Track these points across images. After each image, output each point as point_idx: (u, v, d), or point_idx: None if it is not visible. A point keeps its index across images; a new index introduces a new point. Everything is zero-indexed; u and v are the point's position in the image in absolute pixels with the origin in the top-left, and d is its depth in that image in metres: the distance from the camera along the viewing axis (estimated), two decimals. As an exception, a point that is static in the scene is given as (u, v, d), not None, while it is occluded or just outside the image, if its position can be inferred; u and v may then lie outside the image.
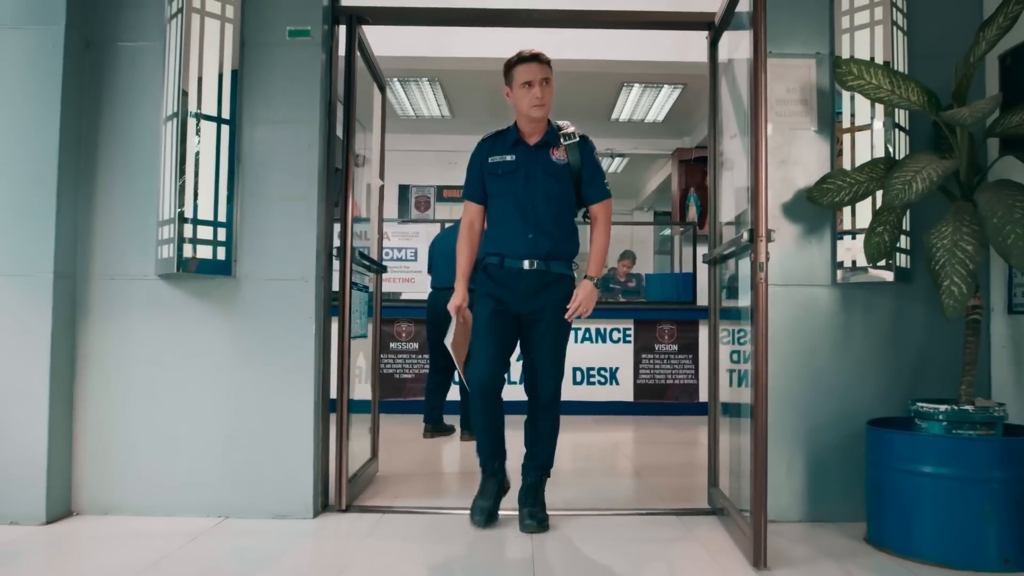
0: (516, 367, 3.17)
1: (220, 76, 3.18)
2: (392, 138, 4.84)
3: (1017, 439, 2.70)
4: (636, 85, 7.40)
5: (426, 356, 6.34)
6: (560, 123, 3.10)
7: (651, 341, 7.03)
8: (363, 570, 2.60)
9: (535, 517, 2.99)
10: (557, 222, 3.01)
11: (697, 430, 5.40)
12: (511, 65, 3.01)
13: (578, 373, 6.92)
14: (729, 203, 3.45)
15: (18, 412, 3.05)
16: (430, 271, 5.56)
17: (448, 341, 3.09)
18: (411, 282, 7.80)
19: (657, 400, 6.96)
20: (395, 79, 7.40)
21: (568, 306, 2.97)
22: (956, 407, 2.76)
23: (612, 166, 10.68)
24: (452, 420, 5.52)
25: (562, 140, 3.03)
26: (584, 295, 2.97)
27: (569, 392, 4.63)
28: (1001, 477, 2.60)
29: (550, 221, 2.99)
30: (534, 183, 2.99)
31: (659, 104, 7.99)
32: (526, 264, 2.97)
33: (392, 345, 6.90)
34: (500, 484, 3.15)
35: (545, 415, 3.06)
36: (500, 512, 3.13)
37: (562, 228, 3.03)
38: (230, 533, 2.98)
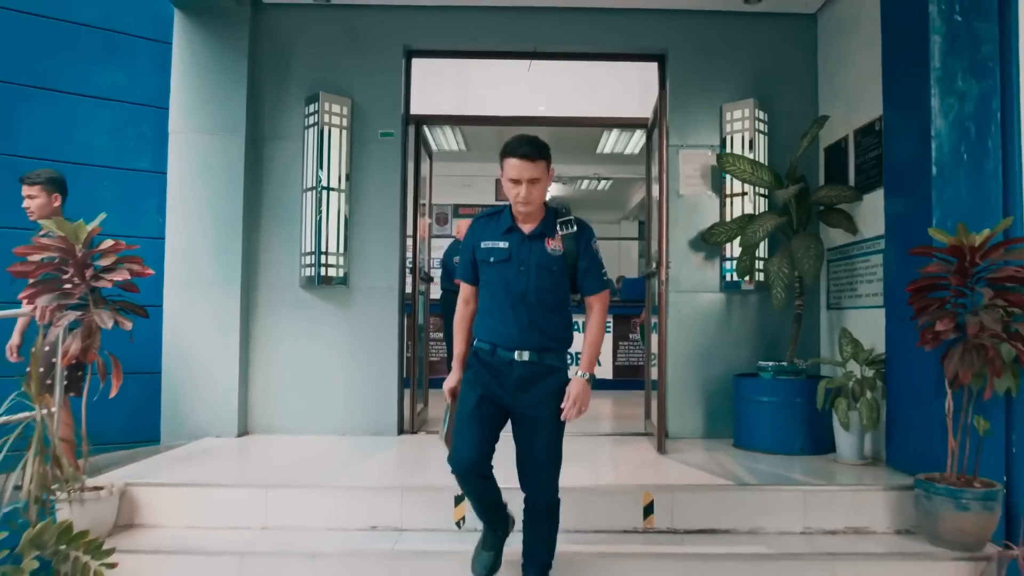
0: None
1: (340, 162, 5.15)
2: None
3: (809, 380, 4.64)
4: (615, 129, 9.35)
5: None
6: (558, 205, 2.93)
7: (627, 331, 8.98)
8: (430, 459, 4.53)
9: None
10: (551, 315, 2.84)
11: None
12: (503, 154, 2.76)
13: (569, 358, 8.84)
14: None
15: (221, 372, 5.01)
16: (442, 276, 7.36)
17: (443, 435, 3.00)
18: (434, 283, 9.77)
19: (631, 378, 8.89)
20: (424, 126, 9.35)
21: (562, 405, 2.78)
22: (780, 364, 4.73)
23: (600, 186, 12.65)
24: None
25: (559, 229, 2.83)
26: (577, 392, 2.78)
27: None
28: (800, 402, 4.56)
29: (543, 315, 2.82)
30: (527, 274, 2.79)
31: (634, 142, 9.92)
32: (517, 355, 2.79)
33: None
34: (503, 531, 3.04)
35: (545, 519, 2.88)
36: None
37: (556, 321, 2.86)
38: (348, 442, 4.92)
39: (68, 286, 3.39)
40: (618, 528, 3.55)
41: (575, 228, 2.86)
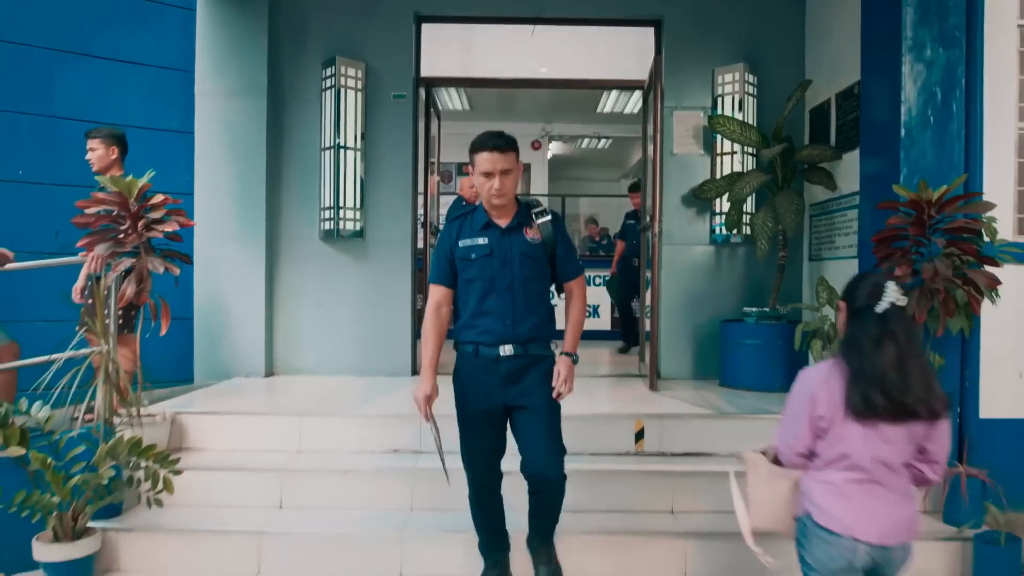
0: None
1: (355, 123, 5.50)
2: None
3: (789, 324, 5.06)
4: (613, 91, 9.65)
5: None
6: (528, 200, 3.00)
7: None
8: (445, 395, 4.97)
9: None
10: (536, 304, 2.89)
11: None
12: (473, 149, 2.83)
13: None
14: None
15: (249, 317, 5.44)
16: None
17: (441, 456, 2.98)
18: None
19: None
20: (433, 88, 9.65)
21: (553, 384, 2.85)
22: (763, 310, 5.16)
23: (600, 145, 12.96)
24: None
25: (534, 218, 2.89)
26: (565, 370, 2.85)
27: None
28: (780, 344, 4.98)
29: (529, 304, 2.86)
30: (511, 265, 2.84)
31: (632, 102, 10.22)
32: (503, 350, 2.84)
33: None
34: (504, 554, 3.13)
35: (554, 492, 2.91)
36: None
37: (540, 311, 2.91)
38: (365, 381, 5.36)
39: (121, 235, 3.79)
40: (613, 451, 4.00)
41: (550, 216, 2.93)
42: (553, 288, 3.05)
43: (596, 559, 3.36)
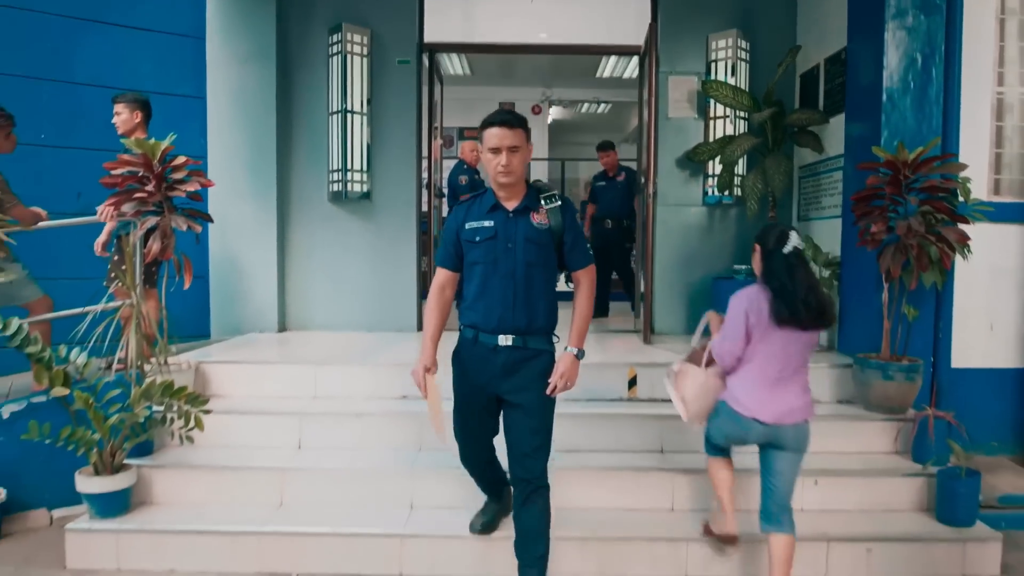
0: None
1: (361, 88, 5.70)
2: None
3: (777, 282, 5.33)
4: (612, 56, 9.80)
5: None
6: (539, 184, 2.94)
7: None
8: (449, 347, 5.25)
9: None
10: (539, 292, 2.83)
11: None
12: (483, 126, 2.78)
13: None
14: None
15: (262, 276, 5.70)
16: (449, 194, 7.87)
17: (432, 421, 2.95)
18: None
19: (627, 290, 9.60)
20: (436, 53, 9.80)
21: (549, 380, 2.81)
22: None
23: (600, 109, 13.11)
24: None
25: (543, 203, 2.84)
26: (566, 367, 2.81)
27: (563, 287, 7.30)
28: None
29: (531, 290, 2.81)
30: (515, 250, 2.79)
31: (631, 66, 10.35)
32: (501, 340, 2.81)
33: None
34: (501, 507, 3.34)
35: (536, 499, 2.85)
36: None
37: (543, 299, 2.85)
38: (374, 336, 5.63)
39: (145, 195, 4.03)
40: (607, 397, 4.29)
41: (559, 202, 2.85)
42: (562, 276, 3.03)
43: (592, 492, 3.65)
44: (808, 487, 3.69)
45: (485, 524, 3.32)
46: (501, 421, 3.00)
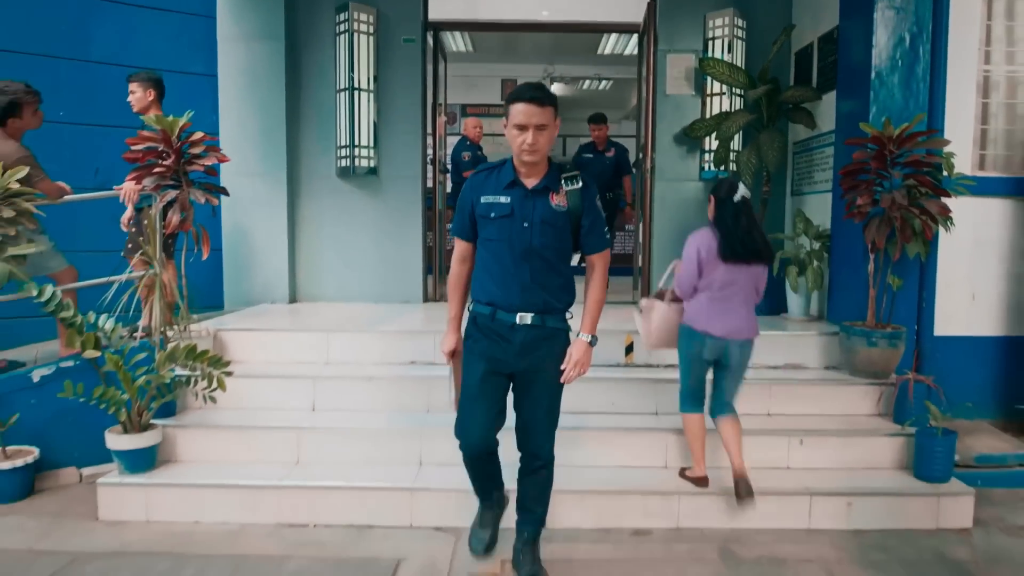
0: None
1: (368, 66, 5.86)
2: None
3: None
4: (613, 34, 9.90)
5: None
6: (562, 162, 2.85)
7: (622, 223, 9.82)
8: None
9: None
10: (554, 273, 2.79)
11: (644, 277, 8.24)
12: (509, 100, 2.67)
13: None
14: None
15: (273, 248, 5.90)
16: (452, 170, 8.01)
17: (451, 400, 3.02)
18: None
19: (625, 265, 9.79)
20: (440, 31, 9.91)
21: (563, 367, 2.80)
22: (747, 240, 5.60)
23: (601, 86, 13.22)
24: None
25: (563, 184, 2.74)
26: (579, 354, 2.80)
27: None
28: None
29: (546, 272, 2.76)
30: (530, 231, 2.71)
31: (632, 43, 10.47)
32: (519, 318, 2.76)
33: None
34: (499, 509, 3.27)
35: (542, 471, 2.95)
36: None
37: (559, 279, 2.81)
38: (381, 307, 5.85)
39: (163, 169, 4.22)
40: (605, 363, 4.50)
41: (580, 184, 2.75)
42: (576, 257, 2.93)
43: (591, 450, 3.88)
44: (794, 446, 3.93)
45: (488, 546, 3.23)
46: (510, 407, 2.95)
